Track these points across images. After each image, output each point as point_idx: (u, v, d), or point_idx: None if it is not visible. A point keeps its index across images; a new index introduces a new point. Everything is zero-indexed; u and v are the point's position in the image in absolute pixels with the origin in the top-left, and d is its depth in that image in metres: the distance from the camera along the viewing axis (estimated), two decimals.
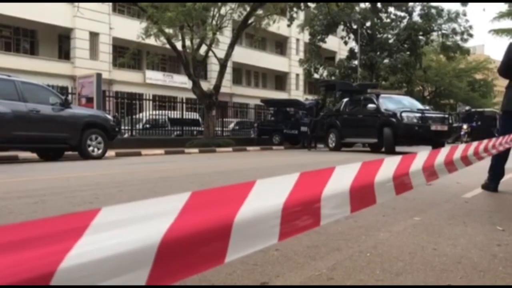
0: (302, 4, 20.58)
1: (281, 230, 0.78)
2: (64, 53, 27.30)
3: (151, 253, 0.55)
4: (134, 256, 0.53)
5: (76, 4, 19.01)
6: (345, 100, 16.62)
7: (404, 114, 13.29)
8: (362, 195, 1.07)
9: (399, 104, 14.28)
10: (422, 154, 1.50)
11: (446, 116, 14.16)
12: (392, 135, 13.34)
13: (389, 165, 1.24)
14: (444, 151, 1.72)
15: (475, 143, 2.36)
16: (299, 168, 7.96)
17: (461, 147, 1.96)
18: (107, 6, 26.23)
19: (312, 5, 23.13)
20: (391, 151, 13.15)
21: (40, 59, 25.32)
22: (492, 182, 4.94)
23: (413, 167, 1.41)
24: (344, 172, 1.01)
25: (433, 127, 13.13)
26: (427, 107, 15.15)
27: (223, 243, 0.67)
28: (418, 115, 13.39)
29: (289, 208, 0.80)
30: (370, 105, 14.49)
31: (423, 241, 2.67)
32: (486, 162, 4.47)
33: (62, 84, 18.56)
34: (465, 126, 24.51)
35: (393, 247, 2.54)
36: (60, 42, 27.59)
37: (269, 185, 0.79)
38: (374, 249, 2.50)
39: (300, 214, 0.85)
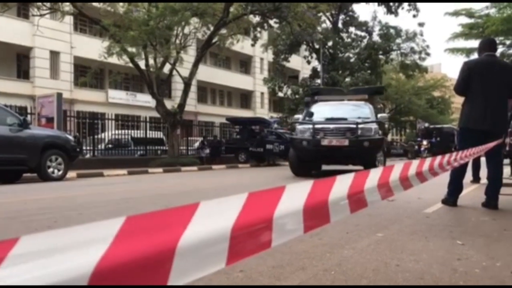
0: (265, 24, 20.85)
1: (229, 254, 0.76)
2: (23, 73, 26.60)
3: (82, 283, 0.51)
4: None
5: (35, 22, 18.63)
6: None
7: (298, 126, 10.60)
8: (315, 214, 1.06)
9: (333, 112, 10.89)
10: (375, 171, 1.50)
11: (352, 126, 9.85)
12: (295, 153, 10.64)
13: (343, 183, 1.23)
14: (398, 168, 1.74)
15: (429, 160, 2.41)
16: (264, 187, 7.95)
17: (415, 163, 1.99)
18: (68, 25, 25.81)
19: (275, 25, 23.48)
20: (298, 173, 10.56)
21: None
22: (451, 197, 5.07)
23: (367, 185, 1.41)
24: (295, 192, 0.99)
25: (324, 142, 9.75)
26: (384, 115, 11.50)
27: (164, 268, 0.64)
28: (310, 126, 10.18)
29: (239, 231, 0.78)
30: (296, 116, 12.23)
31: (386, 258, 2.68)
32: (445, 178, 4.59)
33: (21, 104, 18.03)
34: (425, 142, 25.23)
35: (357, 264, 2.55)
36: (19, 61, 26.89)
37: (215, 207, 0.77)
38: (338, 267, 2.50)
39: (249, 236, 0.82)
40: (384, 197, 1.51)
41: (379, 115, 10.92)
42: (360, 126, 9.85)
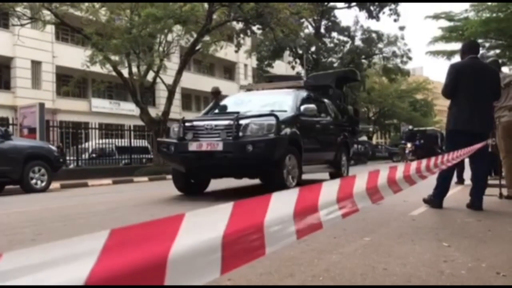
0: (248, 30, 20.91)
1: (223, 263, 0.76)
2: (4, 83, 26.26)
3: None
4: None
5: (16, 32, 18.44)
6: None
7: (173, 125, 7.80)
8: (307, 220, 1.06)
9: (241, 104, 8.46)
10: (361, 176, 1.51)
11: (230, 123, 6.88)
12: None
13: (330, 189, 1.24)
14: (384, 173, 1.75)
15: (415, 163, 2.44)
16: (253, 191, 7.93)
17: (401, 167, 2.01)
18: (50, 35, 25.57)
19: (258, 31, 23.56)
20: (181, 188, 7.82)
21: None
22: (438, 199, 5.11)
23: (356, 189, 1.42)
24: (282, 199, 1.00)
25: (193, 146, 6.88)
26: (310, 106, 8.02)
27: (158, 279, 0.64)
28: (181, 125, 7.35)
29: (230, 240, 0.78)
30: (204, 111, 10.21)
31: (373, 262, 2.70)
32: (431, 179, 4.63)
33: (2, 115, 17.79)
34: (409, 145, 25.49)
35: (345, 269, 2.55)
36: (0, 71, 26.56)
37: (202, 217, 0.77)
38: (326, 272, 2.50)
39: (242, 245, 0.82)
40: (374, 200, 1.51)
41: (303, 107, 7.92)
42: (243, 121, 6.84)
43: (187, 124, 7.30)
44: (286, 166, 7.01)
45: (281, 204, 0.97)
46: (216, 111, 8.70)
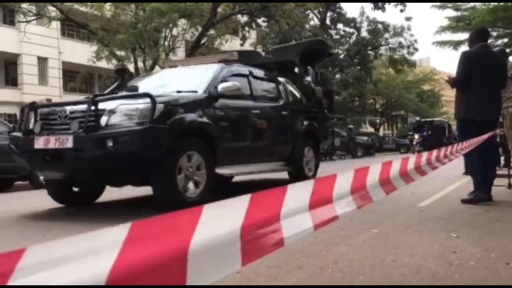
0: (253, 23, 20.88)
1: (243, 254, 0.77)
2: (11, 80, 26.40)
3: None
4: None
5: (22, 29, 18.54)
6: None
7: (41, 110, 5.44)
8: (322, 211, 1.07)
9: (146, 84, 6.32)
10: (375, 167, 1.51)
11: (83, 108, 4.70)
12: None
13: (344, 180, 1.24)
14: (396, 163, 1.74)
15: (425, 154, 2.44)
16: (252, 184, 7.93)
17: (412, 159, 2.01)
18: (56, 31, 25.64)
19: (263, 24, 23.50)
20: (56, 196, 5.88)
21: None
22: (480, 189, 4.84)
23: (369, 181, 1.42)
24: (297, 191, 1.00)
25: (38, 143, 4.76)
26: (232, 84, 5.77)
27: (180, 272, 0.64)
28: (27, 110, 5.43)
29: (248, 231, 0.79)
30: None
31: (382, 253, 2.70)
32: (438, 172, 4.61)
33: (10, 112, 17.89)
34: (416, 136, 25.38)
35: (354, 261, 2.56)
36: (7, 68, 26.69)
37: (220, 209, 0.77)
38: (335, 264, 2.50)
39: (260, 236, 0.83)
40: (388, 192, 1.52)
41: (222, 86, 5.68)
42: (105, 105, 4.69)
43: (38, 110, 5.16)
44: (182, 169, 4.87)
45: (297, 196, 0.97)
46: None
